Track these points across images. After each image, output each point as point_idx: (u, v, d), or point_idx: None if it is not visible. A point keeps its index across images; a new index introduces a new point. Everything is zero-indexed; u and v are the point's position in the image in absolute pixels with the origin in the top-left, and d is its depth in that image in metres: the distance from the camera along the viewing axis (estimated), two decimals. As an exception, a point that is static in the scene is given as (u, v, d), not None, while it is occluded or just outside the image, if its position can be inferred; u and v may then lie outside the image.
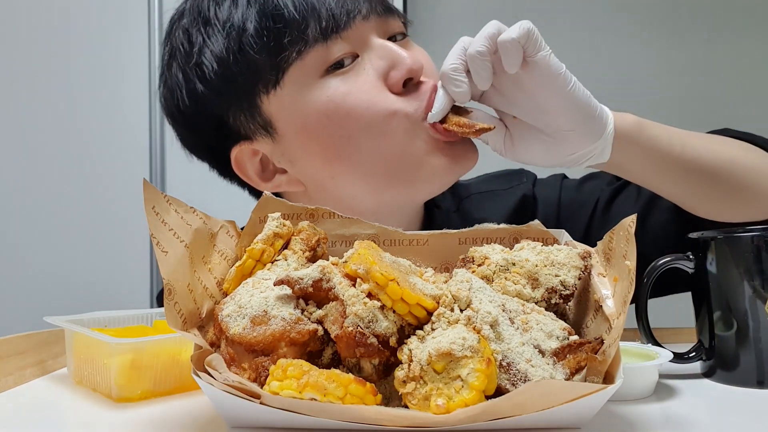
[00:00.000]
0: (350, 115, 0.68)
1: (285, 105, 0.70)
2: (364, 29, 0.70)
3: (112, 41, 1.84)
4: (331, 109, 0.68)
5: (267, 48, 0.68)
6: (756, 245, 0.54)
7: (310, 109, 0.69)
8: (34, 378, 0.62)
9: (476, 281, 0.46)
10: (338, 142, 0.69)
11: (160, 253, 0.46)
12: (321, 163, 0.71)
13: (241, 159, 0.75)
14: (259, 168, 0.76)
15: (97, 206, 1.81)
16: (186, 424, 0.47)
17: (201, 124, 0.75)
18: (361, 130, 0.68)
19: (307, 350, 0.44)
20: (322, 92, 0.68)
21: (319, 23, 0.67)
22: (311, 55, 0.68)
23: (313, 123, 0.69)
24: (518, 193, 0.87)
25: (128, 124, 1.83)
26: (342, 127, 0.68)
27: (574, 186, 0.88)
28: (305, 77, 0.69)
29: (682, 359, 0.57)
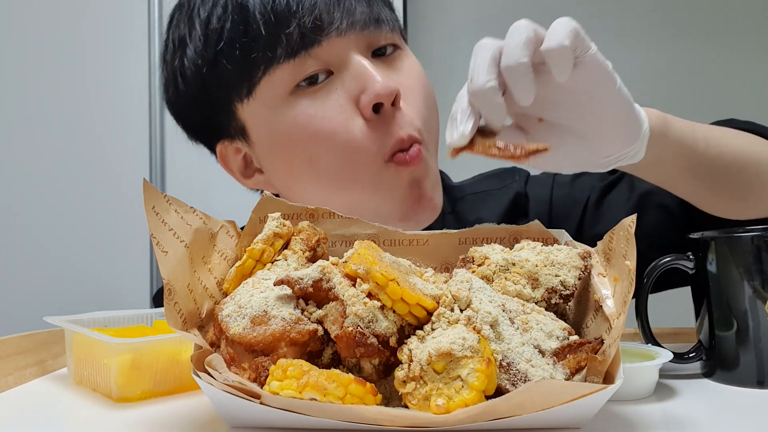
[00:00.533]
0: (312, 139, 0.67)
1: (256, 116, 0.70)
2: (342, 45, 0.67)
3: (112, 40, 1.85)
4: (294, 131, 0.67)
5: (237, 62, 0.67)
6: (756, 245, 0.54)
7: (275, 126, 0.68)
8: (34, 378, 0.62)
9: (476, 281, 0.46)
10: (301, 161, 0.69)
11: (160, 253, 0.46)
12: (287, 174, 0.72)
13: (225, 155, 0.76)
14: (242, 165, 0.76)
15: (97, 206, 1.81)
16: (186, 424, 0.47)
17: (189, 118, 0.76)
18: (323, 153, 0.67)
19: (307, 350, 0.44)
20: (289, 112, 0.67)
21: (288, 40, 0.65)
22: (279, 73, 0.67)
23: (278, 140, 0.69)
24: (511, 192, 0.87)
25: (128, 123, 1.83)
26: (305, 150, 0.68)
27: (567, 182, 0.86)
28: (274, 93, 0.68)
29: (682, 359, 0.57)
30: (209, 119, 0.73)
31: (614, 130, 0.55)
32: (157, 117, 1.82)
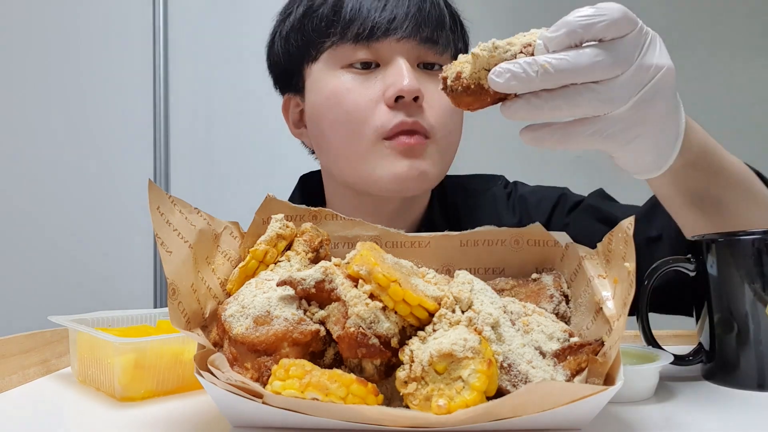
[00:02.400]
0: (340, 107, 0.79)
1: (312, 78, 0.84)
2: (394, 48, 0.79)
3: (116, 41, 1.85)
4: (330, 97, 0.80)
5: (319, 30, 0.82)
6: (757, 248, 0.54)
7: (320, 88, 0.82)
8: (38, 377, 0.62)
9: (477, 283, 0.46)
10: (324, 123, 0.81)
11: (164, 253, 0.46)
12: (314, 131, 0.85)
13: (287, 104, 0.91)
14: (297, 117, 0.90)
15: (102, 206, 1.82)
16: (189, 423, 0.47)
17: (274, 67, 0.91)
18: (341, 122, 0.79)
19: (309, 350, 0.44)
20: (334, 80, 0.80)
21: (359, 30, 0.79)
22: (340, 49, 0.80)
23: (319, 100, 0.82)
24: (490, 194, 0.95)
25: (133, 124, 1.84)
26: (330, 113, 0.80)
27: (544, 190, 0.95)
28: (331, 63, 0.81)
29: (682, 361, 0.57)
30: (286, 72, 0.88)
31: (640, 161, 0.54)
32: (161, 118, 1.83)
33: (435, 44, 0.80)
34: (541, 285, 0.53)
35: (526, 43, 0.48)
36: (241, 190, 1.77)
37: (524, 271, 0.56)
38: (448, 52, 0.83)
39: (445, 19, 0.82)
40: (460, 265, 0.55)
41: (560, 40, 0.47)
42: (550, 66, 0.46)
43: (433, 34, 0.80)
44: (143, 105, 1.84)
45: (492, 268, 0.56)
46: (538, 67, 0.46)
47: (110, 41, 1.85)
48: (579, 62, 0.46)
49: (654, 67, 0.48)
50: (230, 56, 1.81)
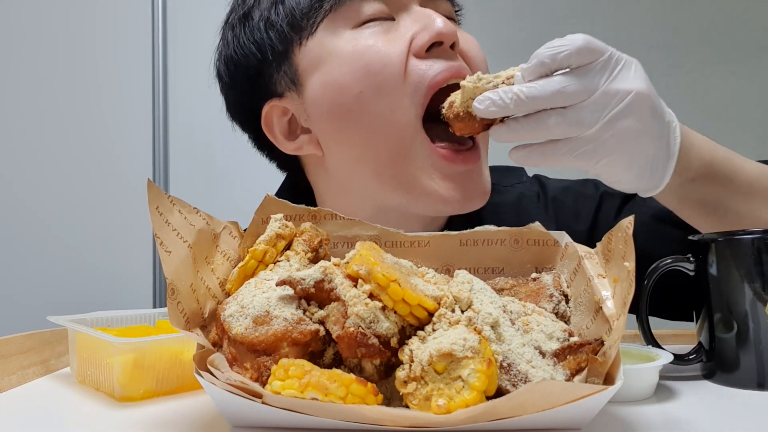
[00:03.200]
0: (366, 68, 0.67)
1: (313, 55, 0.70)
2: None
3: (115, 41, 1.85)
4: (352, 57, 0.68)
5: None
6: (756, 247, 0.54)
7: (332, 58, 0.69)
8: (37, 377, 0.62)
9: (477, 282, 0.46)
10: (348, 98, 0.68)
11: (163, 252, 0.46)
12: (329, 120, 0.71)
13: (270, 117, 0.76)
14: (286, 128, 0.76)
15: (100, 206, 1.82)
16: (188, 423, 0.47)
17: (239, 79, 0.77)
18: (372, 88, 0.67)
19: (308, 350, 0.44)
20: (348, 42, 0.68)
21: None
22: (344, 9, 0.69)
23: (334, 72, 0.69)
24: (515, 192, 0.86)
25: (131, 124, 1.84)
26: (355, 81, 0.67)
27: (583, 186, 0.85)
28: (336, 28, 0.69)
29: (682, 361, 0.57)
30: (260, 75, 0.74)
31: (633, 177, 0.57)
32: (160, 117, 1.83)
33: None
34: (541, 284, 0.53)
35: (510, 75, 0.56)
36: (240, 189, 1.76)
37: (524, 270, 0.56)
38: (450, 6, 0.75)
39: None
40: (459, 264, 0.55)
41: (533, 69, 0.53)
42: (522, 94, 0.53)
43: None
44: (142, 105, 1.84)
45: (491, 268, 0.56)
46: (512, 94, 0.53)
47: (109, 40, 1.85)
48: (546, 89, 0.52)
49: (622, 91, 0.53)
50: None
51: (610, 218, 0.82)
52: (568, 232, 0.57)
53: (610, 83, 0.53)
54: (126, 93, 1.84)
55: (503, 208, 0.83)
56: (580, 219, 0.83)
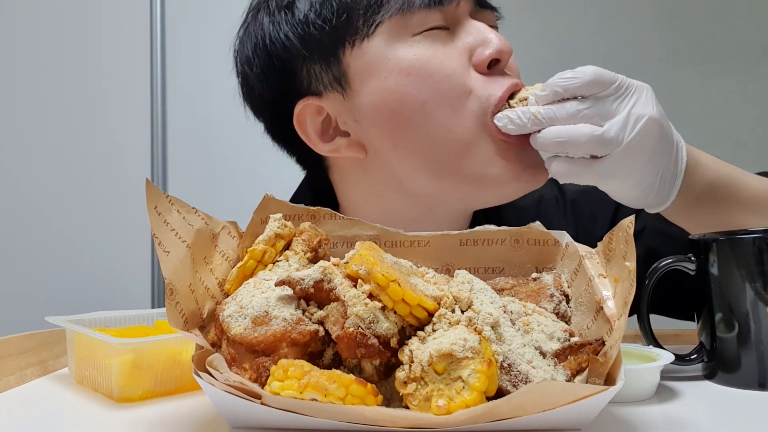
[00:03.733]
0: (430, 79, 0.66)
1: (367, 58, 0.68)
2: (462, 9, 0.69)
3: (113, 40, 1.85)
4: (414, 67, 0.66)
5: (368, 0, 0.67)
6: (758, 247, 0.53)
7: (392, 65, 0.67)
8: (35, 378, 0.62)
9: (477, 282, 0.46)
10: (411, 106, 0.67)
11: (161, 252, 0.46)
12: (388, 127, 0.69)
13: (303, 115, 0.73)
14: (320, 128, 0.73)
15: (99, 206, 1.81)
16: (187, 424, 0.47)
17: (272, 74, 0.73)
18: (436, 99, 0.66)
19: (308, 351, 0.44)
20: (410, 50, 0.67)
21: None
22: (407, 17, 0.67)
23: (393, 80, 0.67)
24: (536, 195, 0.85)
25: (130, 123, 1.84)
26: (419, 90, 0.66)
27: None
28: (396, 35, 0.67)
29: (683, 361, 0.57)
30: (296, 74, 0.72)
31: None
32: (159, 117, 1.82)
33: (488, 6, 0.73)
34: (542, 284, 0.53)
35: (523, 98, 0.64)
36: (240, 189, 1.76)
37: (524, 270, 0.56)
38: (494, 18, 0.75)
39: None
40: (459, 264, 0.55)
41: (544, 96, 0.61)
42: (539, 115, 0.60)
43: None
44: (140, 104, 1.83)
45: (492, 268, 0.56)
46: (530, 115, 0.61)
47: (107, 40, 1.85)
48: (562, 112, 0.59)
49: (634, 116, 0.58)
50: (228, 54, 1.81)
51: None
52: (587, 235, 0.60)
53: (624, 108, 0.58)
54: (124, 92, 1.84)
55: (523, 210, 0.82)
56: (598, 223, 0.83)
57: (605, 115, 0.58)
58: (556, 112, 0.59)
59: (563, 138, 0.59)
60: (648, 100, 0.59)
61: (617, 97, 0.58)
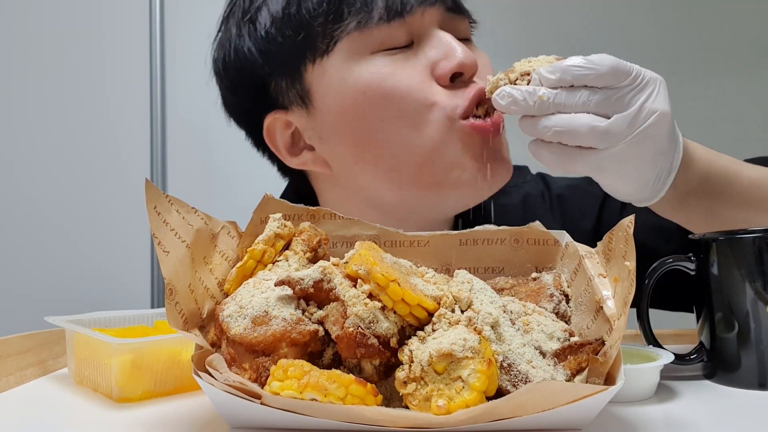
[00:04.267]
0: (388, 97, 0.66)
1: (327, 76, 0.68)
2: (427, 18, 0.68)
3: (112, 40, 1.85)
4: (371, 86, 0.66)
5: (326, 15, 0.66)
6: (758, 246, 0.53)
7: (350, 84, 0.67)
8: (35, 378, 0.62)
9: (477, 282, 0.46)
10: (371, 125, 0.67)
11: (161, 252, 0.46)
12: (349, 144, 0.69)
13: (272, 128, 0.73)
14: (290, 141, 0.74)
15: (98, 206, 1.81)
16: (187, 424, 0.47)
17: (242, 84, 0.74)
18: (396, 116, 0.66)
19: (307, 351, 0.44)
20: (367, 68, 0.66)
21: (387, 2, 0.66)
22: (368, 32, 0.66)
23: (350, 99, 0.67)
24: (521, 192, 0.85)
25: (129, 123, 1.83)
26: (377, 109, 0.66)
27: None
28: (355, 51, 0.67)
29: (683, 361, 0.57)
30: (265, 87, 0.72)
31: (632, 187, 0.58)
32: (158, 117, 1.82)
33: (459, 12, 0.71)
34: (541, 284, 0.53)
35: (524, 72, 0.57)
36: (239, 189, 1.76)
37: (524, 270, 0.56)
38: (468, 22, 0.74)
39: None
40: (459, 264, 0.55)
41: (553, 81, 0.54)
42: (548, 99, 0.54)
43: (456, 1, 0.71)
44: (140, 104, 1.83)
45: (491, 268, 0.56)
46: (537, 98, 0.54)
47: (106, 39, 1.85)
48: (572, 101, 0.54)
49: (647, 111, 0.54)
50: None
51: (614, 214, 0.81)
52: (574, 230, 0.57)
53: (636, 102, 0.54)
54: (123, 92, 1.84)
55: (510, 209, 0.82)
56: (585, 217, 0.82)
57: (616, 107, 0.53)
58: (566, 100, 0.54)
59: (564, 128, 0.54)
60: (661, 94, 0.55)
61: (631, 89, 0.54)
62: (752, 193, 0.64)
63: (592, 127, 0.53)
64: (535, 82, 0.55)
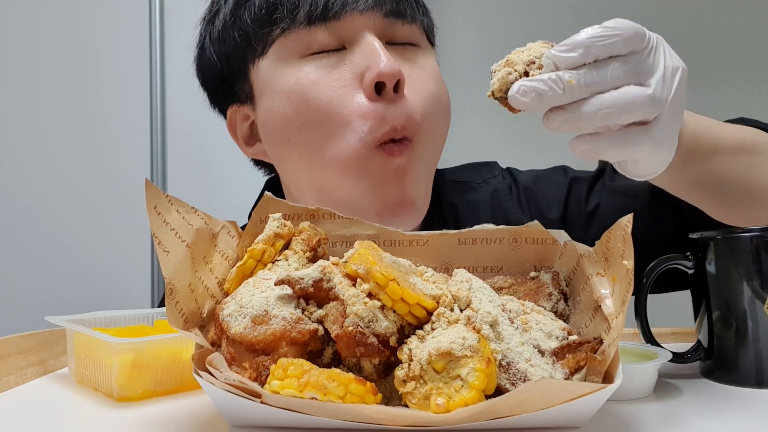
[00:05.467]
0: (308, 104, 0.67)
1: (261, 77, 0.71)
2: (358, 23, 0.68)
3: (112, 39, 1.85)
4: (294, 91, 0.68)
5: (260, 19, 0.69)
6: (755, 245, 0.54)
7: (277, 86, 0.69)
8: (36, 377, 0.62)
9: (476, 281, 0.46)
10: (291, 127, 0.69)
11: (161, 252, 0.46)
12: (273, 143, 0.72)
13: (233, 120, 0.78)
14: (247, 133, 0.77)
15: (99, 206, 1.81)
16: (187, 423, 0.47)
17: (208, 78, 0.78)
18: (313, 124, 0.67)
19: (307, 350, 0.44)
20: (293, 74, 0.68)
21: (310, 8, 0.67)
22: (293, 36, 0.68)
23: (276, 101, 0.69)
24: (489, 188, 0.85)
25: (129, 123, 1.83)
26: (298, 114, 0.68)
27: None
28: (285, 55, 0.69)
29: (681, 359, 0.57)
30: (225, 81, 0.76)
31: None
32: (158, 117, 1.82)
33: (402, 16, 0.70)
34: (540, 283, 0.53)
35: (529, 61, 0.48)
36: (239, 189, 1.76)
37: (523, 269, 0.56)
38: (416, 26, 0.72)
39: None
40: (458, 263, 0.55)
41: (575, 60, 0.46)
42: (576, 82, 0.46)
43: (398, 4, 0.69)
44: (140, 104, 1.83)
45: (490, 267, 0.56)
46: (563, 84, 0.46)
47: (106, 39, 1.85)
48: (603, 76, 0.46)
49: (672, 67, 0.49)
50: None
51: (581, 202, 0.81)
52: (542, 220, 0.56)
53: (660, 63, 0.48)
54: (123, 92, 1.84)
55: (479, 205, 0.83)
56: (552, 207, 0.82)
57: (646, 72, 0.48)
58: (598, 77, 0.46)
59: (615, 106, 0.46)
60: (671, 51, 0.50)
61: (650, 51, 0.48)
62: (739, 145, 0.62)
63: (645, 97, 0.47)
64: (548, 69, 0.47)
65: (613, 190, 0.80)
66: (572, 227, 0.79)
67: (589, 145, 0.48)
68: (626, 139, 0.48)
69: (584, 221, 0.80)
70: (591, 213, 0.80)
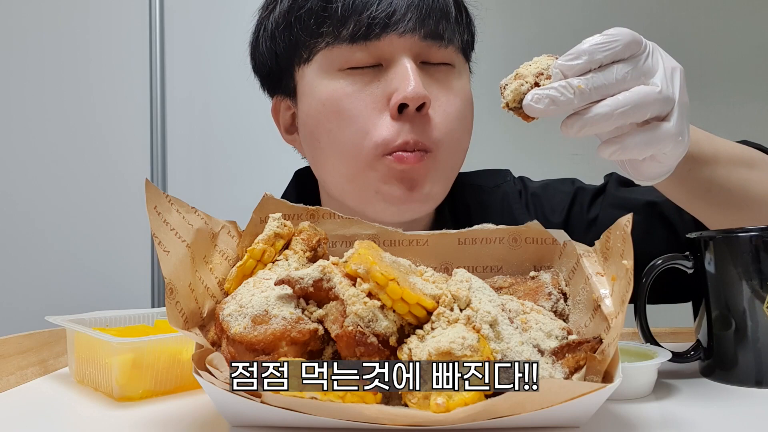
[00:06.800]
0: (337, 115, 0.73)
1: (304, 82, 0.77)
2: (396, 45, 0.72)
3: (112, 39, 1.85)
4: (327, 102, 0.73)
5: (309, 29, 0.74)
6: (754, 245, 0.54)
7: (315, 94, 0.75)
8: (36, 377, 0.62)
9: (476, 281, 0.46)
10: (320, 131, 0.75)
11: (161, 252, 0.46)
12: (307, 143, 0.79)
13: (277, 107, 0.84)
14: (289, 122, 0.83)
15: (99, 206, 1.81)
16: (187, 423, 0.47)
17: (259, 67, 0.84)
18: (340, 131, 0.73)
19: (307, 349, 0.44)
20: (331, 84, 0.73)
21: (355, 26, 0.71)
22: (336, 51, 0.73)
23: (313, 106, 0.75)
24: (500, 193, 0.90)
25: (129, 123, 1.83)
26: (328, 121, 0.74)
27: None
28: (326, 66, 0.74)
29: (680, 359, 0.57)
30: (274, 73, 0.82)
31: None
32: (158, 117, 1.82)
33: (440, 39, 0.73)
34: (540, 283, 0.53)
35: (538, 72, 0.51)
36: (239, 189, 1.76)
37: (522, 268, 0.56)
38: (453, 46, 0.76)
39: (450, 8, 0.74)
40: (458, 263, 0.55)
41: (581, 67, 0.50)
42: (585, 86, 0.49)
43: (437, 26, 0.72)
44: (140, 104, 1.83)
45: (490, 266, 0.56)
46: (572, 89, 0.49)
47: (106, 38, 1.84)
48: (609, 78, 0.50)
49: (670, 68, 0.52)
50: (227, 53, 1.81)
51: (583, 209, 0.86)
52: (545, 223, 0.57)
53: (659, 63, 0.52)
54: (123, 92, 1.84)
55: (489, 207, 0.88)
56: (556, 212, 0.87)
57: (648, 73, 0.51)
58: (605, 80, 0.49)
59: (628, 104, 0.49)
60: (666, 53, 0.53)
61: (647, 54, 0.51)
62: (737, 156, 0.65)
63: (656, 94, 0.50)
64: (557, 78, 0.50)
65: (613, 203, 0.84)
66: (573, 231, 0.82)
67: (615, 146, 0.51)
68: (649, 133, 0.51)
69: (584, 227, 0.84)
70: (591, 221, 0.85)
